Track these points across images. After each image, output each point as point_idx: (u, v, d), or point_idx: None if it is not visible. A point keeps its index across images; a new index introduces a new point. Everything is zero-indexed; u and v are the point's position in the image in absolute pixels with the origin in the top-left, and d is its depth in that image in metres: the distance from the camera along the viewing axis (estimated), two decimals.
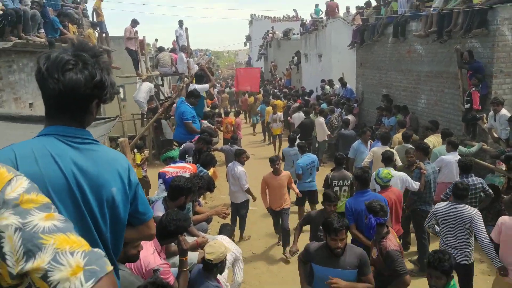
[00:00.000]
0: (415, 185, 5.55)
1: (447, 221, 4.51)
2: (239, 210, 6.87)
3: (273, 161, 6.43)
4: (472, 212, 4.36)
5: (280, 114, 12.82)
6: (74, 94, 1.30)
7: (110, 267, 0.96)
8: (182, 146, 6.32)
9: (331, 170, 6.50)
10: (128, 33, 11.64)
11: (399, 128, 8.61)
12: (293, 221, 7.60)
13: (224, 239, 4.09)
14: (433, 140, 7.15)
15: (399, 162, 6.44)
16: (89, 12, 12.03)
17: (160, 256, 3.05)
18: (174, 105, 8.58)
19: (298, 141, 8.76)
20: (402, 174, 5.66)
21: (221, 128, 11.85)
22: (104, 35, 11.53)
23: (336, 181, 6.07)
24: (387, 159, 5.80)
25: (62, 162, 1.31)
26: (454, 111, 8.53)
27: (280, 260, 6.41)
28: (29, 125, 4.90)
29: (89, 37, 9.79)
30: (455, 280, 3.08)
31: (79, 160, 1.35)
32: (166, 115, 10.56)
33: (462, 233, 4.41)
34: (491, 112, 7.02)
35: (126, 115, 12.59)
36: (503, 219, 4.15)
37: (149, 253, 2.92)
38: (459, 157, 6.22)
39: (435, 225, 4.79)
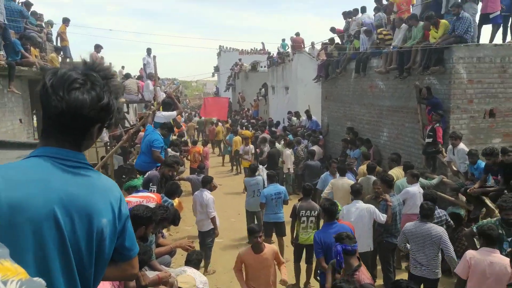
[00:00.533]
0: (383, 218, 5.61)
1: (417, 239, 4.76)
2: (205, 238, 6.70)
3: (252, 232, 4.64)
4: (440, 230, 4.68)
5: (251, 146, 12.77)
6: (77, 115, 1.22)
7: None
8: (146, 174, 6.10)
9: (299, 200, 6.51)
10: (94, 59, 11.42)
11: (363, 160, 8.83)
12: None
13: (191, 271, 3.94)
14: (397, 173, 7.36)
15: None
16: (54, 37, 11.78)
17: None
18: (141, 132, 8.39)
19: (266, 171, 8.76)
20: (370, 206, 5.73)
21: (188, 157, 11.68)
22: (68, 60, 11.25)
23: (304, 211, 6.07)
24: (356, 192, 5.88)
25: (50, 188, 1.21)
26: (415, 145, 8.85)
27: None
28: None
29: (52, 61, 9.52)
30: None
31: (70, 185, 1.25)
32: (131, 143, 10.30)
33: (431, 250, 4.67)
34: (450, 146, 7.33)
35: None
36: (471, 253, 4.09)
37: None
38: (421, 189, 6.44)
39: (406, 243, 5.00)
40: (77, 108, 1.20)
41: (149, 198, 4.83)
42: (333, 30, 13.28)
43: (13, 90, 7.37)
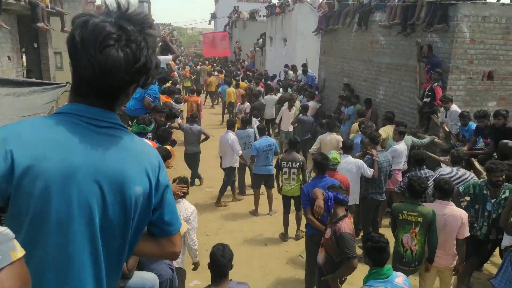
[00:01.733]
0: (369, 172, 5.69)
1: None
2: (225, 175, 7.70)
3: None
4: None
5: (247, 104, 11.72)
6: (110, 77, 1.07)
7: (18, 254, 0.79)
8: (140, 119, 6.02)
9: (284, 151, 6.62)
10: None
11: (357, 117, 8.79)
12: (250, 204, 7.64)
13: (179, 205, 4.09)
14: (388, 131, 7.36)
15: None
16: None
17: None
18: None
19: (258, 123, 8.73)
20: (358, 161, 5.83)
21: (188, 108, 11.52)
22: None
23: (285, 163, 6.19)
24: (348, 148, 5.93)
25: (73, 150, 1.07)
26: (410, 104, 8.81)
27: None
28: None
29: None
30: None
31: (98, 147, 1.10)
32: None
33: None
34: (442, 109, 7.31)
35: None
36: (428, 206, 4.30)
37: None
38: (405, 145, 6.56)
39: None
40: (110, 70, 1.05)
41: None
42: None
43: (2, 24, 7.04)
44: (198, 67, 22.90)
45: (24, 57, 10.85)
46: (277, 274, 5.46)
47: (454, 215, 4.17)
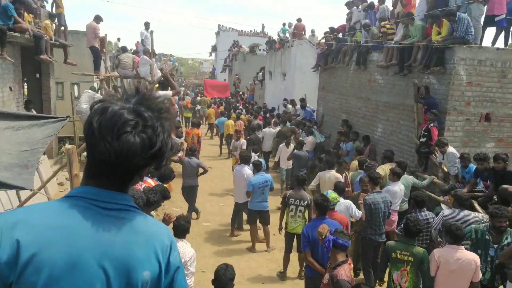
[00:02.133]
0: (358, 214, 5.69)
1: None
2: (240, 209, 7.67)
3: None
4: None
5: (243, 141, 10.83)
6: (125, 162, 1.08)
7: None
8: None
9: (290, 189, 6.58)
10: (93, 31, 11.05)
11: (356, 154, 8.80)
12: (247, 240, 7.50)
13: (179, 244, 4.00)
14: (386, 169, 7.34)
15: None
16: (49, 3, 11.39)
17: None
18: None
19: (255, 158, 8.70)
20: (347, 201, 5.85)
21: (186, 139, 11.54)
22: (62, 28, 10.93)
23: (293, 200, 6.20)
24: (341, 190, 6.00)
25: (79, 234, 1.06)
26: (408, 143, 8.85)
27: None
28: None
29: (45, 28, 9.21)
30: None
31: (105, 231, 1.08)
32: None
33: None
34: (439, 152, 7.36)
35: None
36: (439, 252, 4.37)
37: None
38: (402, 186, 6.57)
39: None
40: (126, 156, 1.07)
41: (146, 183, 4.75)
42: (332, 30, 13.03)
43: (6, 57, 7.12)
44: (198, 98, 23.15)
45: (25, 86, 10.95)
46: None
47: (467, 260, 4.21)
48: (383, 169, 7.29)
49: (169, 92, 7.61)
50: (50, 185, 7.69)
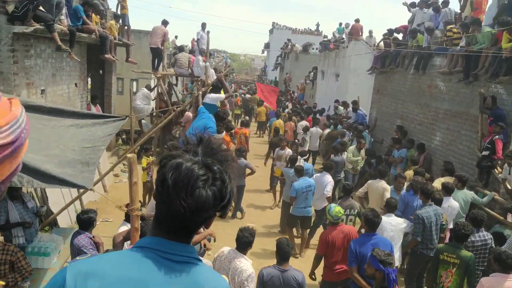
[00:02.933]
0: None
1: None
2: (321, 217, 7.30)
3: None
4: None
5: (288, 151, 9.79)
6: (197, 217, 1.13)
7: None
8: None
9: (338, 199, 6.48)
10: (163, 34, 11.58)
11: (410, 164, 8.41)
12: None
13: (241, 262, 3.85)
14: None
15: None
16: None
17: None
18: (188, 112, 8.48)
19: (305, 163, 8.60)
20: (400, 220, 5.60)
21: (235, 141, 11.58)
22: (126, 28, 11.44)
23: (343, 210, 6.00)
24: (392, 208, 5.68)
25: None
26: (469, 155, 8.31)
27: None
28: (37, 115, 4.80)
29: (110, 28, 9.69)
30: None
31: (172, 285, 1.12)
32: (176, 121, 10.47)
33: None
34: (506, 165, 6.81)
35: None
36: (487, 281, 4.13)
37: None
38: (455, 203, 6.21)
39: None
40: (199, 210, 1.11)
41: None
42: (391, 32, 12.52)
43: (73, 57, 7.59)
44: (247, 96, 23.26)
45: (89, 81, 11.62)
46: None
47: None
48: (442, 182, 6.90)
49: (222, 95, 7.76)
50: (106, 177, 8.14)
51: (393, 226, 5.41)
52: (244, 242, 3.89)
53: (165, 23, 11.90)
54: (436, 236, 5.59)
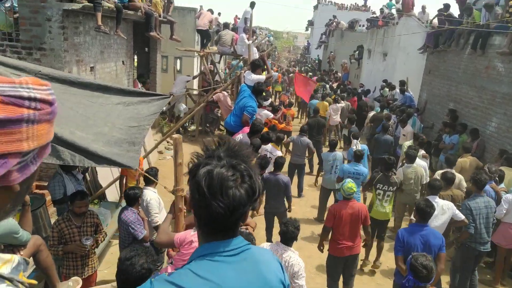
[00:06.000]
0: (460, 217, 5.22)
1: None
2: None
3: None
4: None
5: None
6: (237, 214, 1.25)
7: None
8: (238, 138, 6.12)
9: (377, 172, 6.43)
10: (212, 21, 11.90)
11: (462, 152, 7.90)
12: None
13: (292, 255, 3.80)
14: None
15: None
16: None
17: None
18: (218, 93, 8.46)
19: (359, 144, 8.37)
20: (449, 204, 5.31)
21: (281, 120, 11.44)
22: (170, 5, 11.46)
23: (381, 185, 6.18)
24: (436, 189, 5.42)
25: (231, 284, 1.25)
26: None
27: None
28: (86, 91, 4.91)
29: (155, 5, 9.73)
30: None
31: (245, 276, 1.28)
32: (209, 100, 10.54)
33: None
34: None
35: None
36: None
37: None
38: None
39: None
40: (237, 208, 1.22)
41: None
42: (447, 7, 11.64)
43: (120, 34, 7.70)
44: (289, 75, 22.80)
45: (135, 58, 11.85)
46: None
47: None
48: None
49: (263, 76, 7.62)
50: (151, 154, 8.34)
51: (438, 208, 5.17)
52: (290, 237, 3.85)
53: (211, 10, 12.12)
54: (485, 230, 5.26)
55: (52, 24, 6.35)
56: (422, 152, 8.07)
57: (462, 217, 5.17)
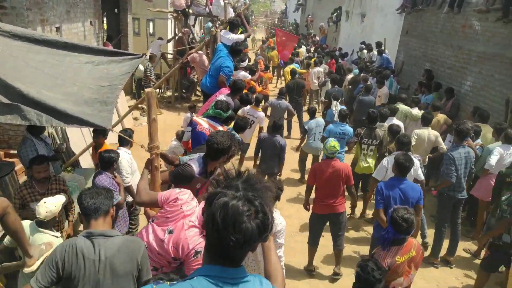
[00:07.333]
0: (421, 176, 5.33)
1: None
2: None
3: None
4: None
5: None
6: (246, 247, 1.31)
7: None
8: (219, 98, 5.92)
9: (362, 128, 6.60)
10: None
11: (432, 110, 7.94)
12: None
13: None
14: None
15: None
16: None
17: None
18: (193, 54, 8.17)
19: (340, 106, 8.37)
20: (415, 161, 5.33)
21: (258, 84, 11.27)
22: None
23: (366, 139, 6.34)
24: (405, 144, 5.40)
25: None
26: (501, 100, 7.85)
27: None
28: (51, 49, 4.61)
29: None
30: None
31: None
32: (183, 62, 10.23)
33: None
34: None
35: None
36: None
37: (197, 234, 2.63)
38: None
39: None
40: (248, 242, 1.27)
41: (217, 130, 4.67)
42: None
43: None
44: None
45: (105, 21, 11.27)
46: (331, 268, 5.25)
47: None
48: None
49: (241, 36, 7.38)
50: (125, 120, 8.09)
51: None
52: (274, 197, 3.79)
53: None
54: (464, 180, 5.43)
55: None
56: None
57: (422, 178, 5.33)
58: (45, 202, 3.32)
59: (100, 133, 5.32)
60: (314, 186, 5.06)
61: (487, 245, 4.76)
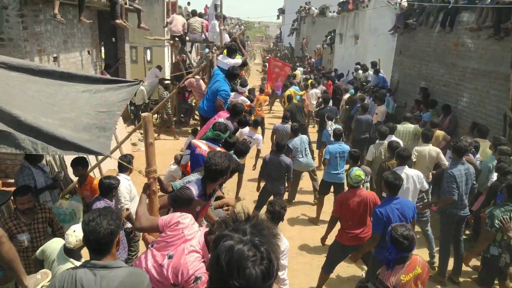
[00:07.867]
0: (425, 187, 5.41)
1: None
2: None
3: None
4: None
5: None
6: None
7: None
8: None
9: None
10: (183, 23, 11.62)
11: (430, 127, 7.96)
12: (308, 211, 7.34)
13: None
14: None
15: None
16: None
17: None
18: (190, 79, 8.25)
19: (335, 126, 8.41)
20: (418, 173, 5.43)
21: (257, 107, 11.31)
22: None
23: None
24: (405, 158, 5.49)
25: None
26: (497, 115, 7.89)
27: None
28: (48, 80, 4.63)
29: None
30: None
31: None
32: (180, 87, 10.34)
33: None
34: None
35: None
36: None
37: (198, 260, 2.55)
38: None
39: None
40: (248, 287, 1.23)
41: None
42: None
43: (83, 19, 7.37)
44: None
45: (102, 50, 11.43)
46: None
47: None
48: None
49: (239, 60, 7.47)
50: (124, 145, 8.09)
51: (408, 177, 5.34)
52: (277, 217, 3.80)
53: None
54: (466, 196, 5.38)
55: (9, 12, 5.98)
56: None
57: (427, 186, 5.37)
58: (74, 231, 3.17)
59: (78, 165, 5.03)
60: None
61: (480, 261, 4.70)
